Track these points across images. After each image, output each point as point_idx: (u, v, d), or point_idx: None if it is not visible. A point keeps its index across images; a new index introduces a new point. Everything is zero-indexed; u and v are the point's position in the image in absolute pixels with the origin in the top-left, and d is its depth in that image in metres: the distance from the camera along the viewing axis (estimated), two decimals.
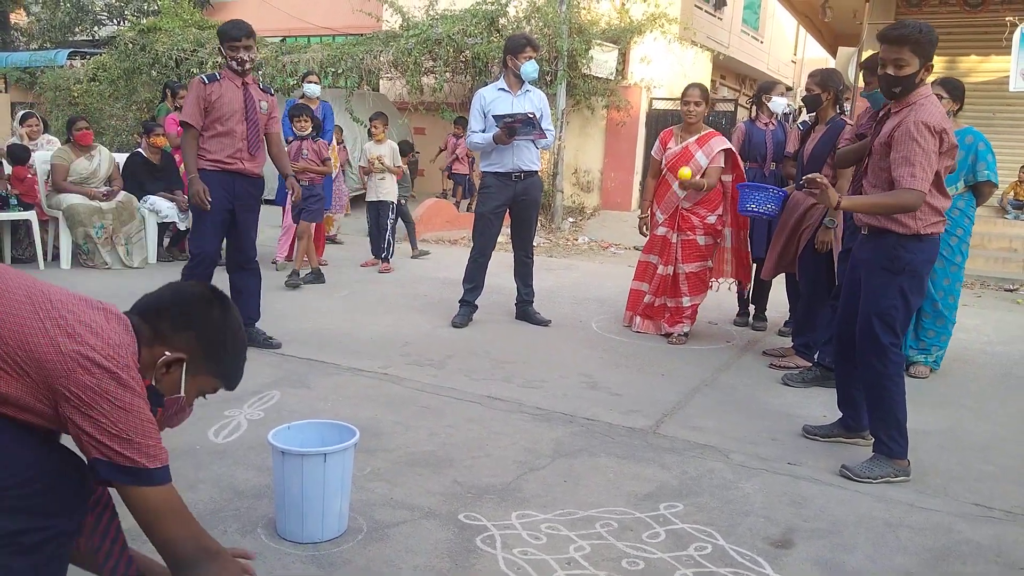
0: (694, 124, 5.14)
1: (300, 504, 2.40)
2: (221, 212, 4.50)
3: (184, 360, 1.77)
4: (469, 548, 2.45)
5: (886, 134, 3.08)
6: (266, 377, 4.06)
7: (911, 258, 3.08)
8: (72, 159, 6.87)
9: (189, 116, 4.45)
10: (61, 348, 1.56)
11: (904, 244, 3.08)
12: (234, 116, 4.45)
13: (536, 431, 3.49)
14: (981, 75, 10.50)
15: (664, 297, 5.28)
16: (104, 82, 13.94)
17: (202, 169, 4.46)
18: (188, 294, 1.85)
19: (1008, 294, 7.89)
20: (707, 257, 5.24)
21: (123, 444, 1.58)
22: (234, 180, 4.53)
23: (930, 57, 3.02)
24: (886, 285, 3.10)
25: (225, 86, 4.46)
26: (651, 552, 2.48)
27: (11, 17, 20.33)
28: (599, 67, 11.22)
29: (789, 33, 20.93)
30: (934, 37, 3.01)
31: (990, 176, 4.51)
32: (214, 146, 4.46)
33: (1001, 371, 4.99)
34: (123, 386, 1.59)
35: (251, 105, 4.50)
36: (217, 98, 4.41)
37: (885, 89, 3.09)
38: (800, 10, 12.82)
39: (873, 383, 3.16)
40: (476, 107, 5.28)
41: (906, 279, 3.09)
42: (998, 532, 2.75)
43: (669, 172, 5.17)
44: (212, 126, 4.45)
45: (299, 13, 16.09)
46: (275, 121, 4.75)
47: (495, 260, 5.72)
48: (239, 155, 4.49)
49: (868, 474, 3.08)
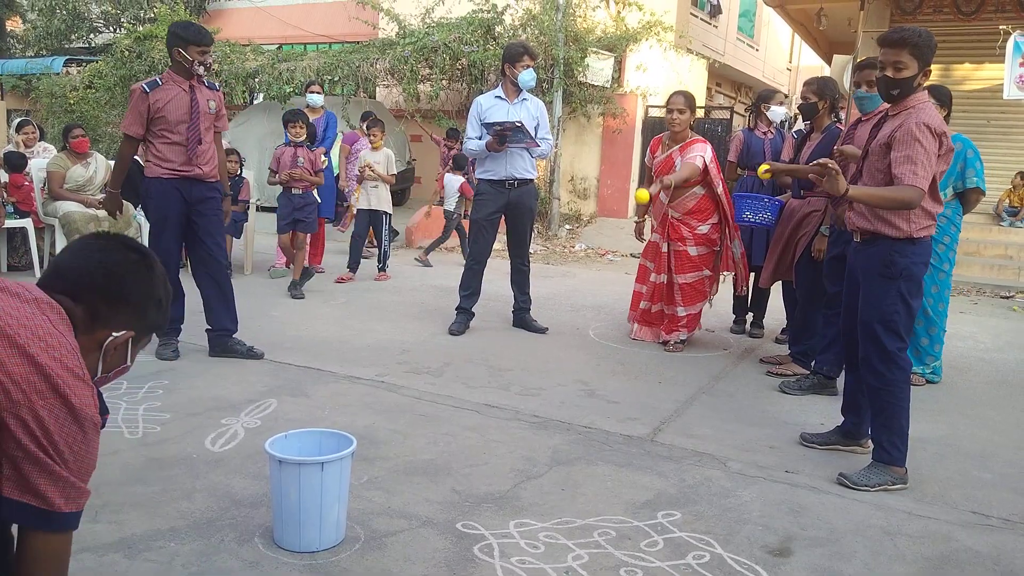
0: (679, 132, 5.13)
1: (297, 513, 2.39)
2: (178, 218, 4.40)
3: (132, 335, 1.70)
4: (467, 557, 2.44)
5: (885, 136, 3.09)
6: (263, 385, 4.05)
7: (906, 262, 3.09)
8: (68, 166, 6.85)
9: (130, 127, 4.34)
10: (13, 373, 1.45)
11: (898, 248, 3.09)
12: (181, 121, 4.31)
13: (534, 439, 3.48)
14: (975, 83, 10.56)
15: (661, 304, 5.29)
16: (100, 89, 13.94)
17: (158, 177, 4.35)
18: (116, 264, 1.69)
19: (1004, 301, 7.92)
20: (702, 267, 5.19)
21: (52, 481, 1.48)
22: (192, 185, 4.40)
23: (929, 62, 3.04)
24: (885, 291, 3.11)
25: (170, 91, 4.30)
26: (649, 561, 2.47)
27: (7, 24, 20.34)
28: (595, 75, 11.26)
29: (784, 41, 21.01)
30: (933, 43, 3.05)
31: (978, 183, 4.53)
32: (169, 152, 4.33)
33: (998, 378, 5.00)
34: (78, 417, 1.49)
35: (195, 108, 4.35)
36: (165, 104, 4.27)
37: (883, 91, 3.11)
38: (795, 18, 12.87)
39: (879, 389, 3.14)
40: (473, 114, 5.30)
41: (904, 283, 3.10)
42: (996, 540, 2.75)
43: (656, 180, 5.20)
44: (161, 133, 4.31)
45: (296, 21, 16.13)
46: (223, 119, 4.62)
47: (492, 268, 5.72)
48: (194, 160, 4.37)
49: (865, 482, 3.09)
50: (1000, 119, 10.41)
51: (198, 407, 3.68)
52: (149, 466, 3.00)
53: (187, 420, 3.50)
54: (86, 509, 1.59)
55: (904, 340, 3.14)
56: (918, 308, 3.22)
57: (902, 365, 3.12)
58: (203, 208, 4.47)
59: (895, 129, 3.05)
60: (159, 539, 2.45)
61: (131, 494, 2.74)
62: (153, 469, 2.97)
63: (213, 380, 4.10)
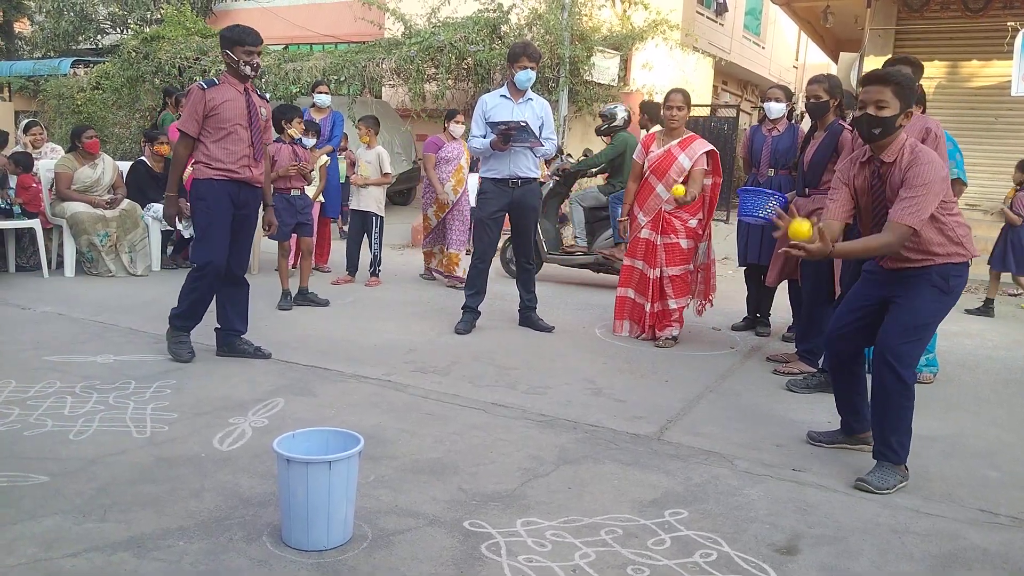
0: (677, 128, 5.21)
1: (305, 511, 2.40)
2: (226, 221, 4.39)
3: None
4: (474, 556, 2.45)
5: (897, 184, 3.07)
6: (270, 385, 4.06)
7: (959, 281, 3.16)
8: (76, 167, 6.88)
9: (185, 124, 4.30)
10: None
11: (954, 271, 3.14)
12: (238, 122, 4.32)
13: (540, 438, 3.48)
14: (983, 80, 10.50)
15: (657, 301, 5.30)
16: (107, 90, 13.98)
17: (209, 179, 4.31)
18: None
19: (1012, 299, 7.88)
20: (689, 260, 5.32)
21: None
22: (240, 189, 4.40)
23: (911, 105, 3.08)
24: (932, 302, 3.14)
25: (226, 91, 4.32)
26: (656, 559, 2.47)
27: (15, 26, 20.44)
28: (601, 74, 11.26)
29: (791, 39, 20.97)
30: (918, 90, 3.23)
31: (959, 174, 4.52)
32: (221, 153, 4.30)
33: (1005, 376, 4.98)
34: None
35: (254, 111, 4.40)
36: (221, 103, 4.27)
37: (864, 130, 3.10)
38: (801, 16, 12.83)
39: (893, 390, 3.10)
40: (478, 113, 5.32)
41: (951, 300, 3.17)
42: (1005, 538, 2.74)
43: (652, 175, 5.23)
44: (217, 132, 4.29)
45: (302, 21, 16.17)
46: (269, 131, 4.67)
47: (497, 267, 5.71)
48: (246, 162, 4.38)
49: (885, 486, 3.05)
50: (1008, 116, 10.35)
51: (206, 406, 3.69)
52: (157, 465, 3.01)
53: (195, 419, 3.51)
54: (94, 508, 1.59)
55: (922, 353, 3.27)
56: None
57: (915, 373, 3.23)
58: (245, 212, 4.48)
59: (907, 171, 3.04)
60: (168, 538, 2.46)
61: (140, 493, 2.75)
62: (161, 468, 2.98)
63: (221, 380, 4.11)
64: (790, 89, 5.79)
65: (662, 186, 5.19)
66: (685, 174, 5.15)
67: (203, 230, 4.43)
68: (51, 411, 3.53)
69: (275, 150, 6.15)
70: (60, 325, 5.15)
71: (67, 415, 3.49)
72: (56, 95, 14.81)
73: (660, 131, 5.35)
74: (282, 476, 2.45)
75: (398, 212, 11.87)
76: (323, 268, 7.50)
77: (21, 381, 3.93)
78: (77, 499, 2.67)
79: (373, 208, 6.96)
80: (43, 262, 6.81)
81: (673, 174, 5.16)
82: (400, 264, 7.90)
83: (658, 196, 5.22)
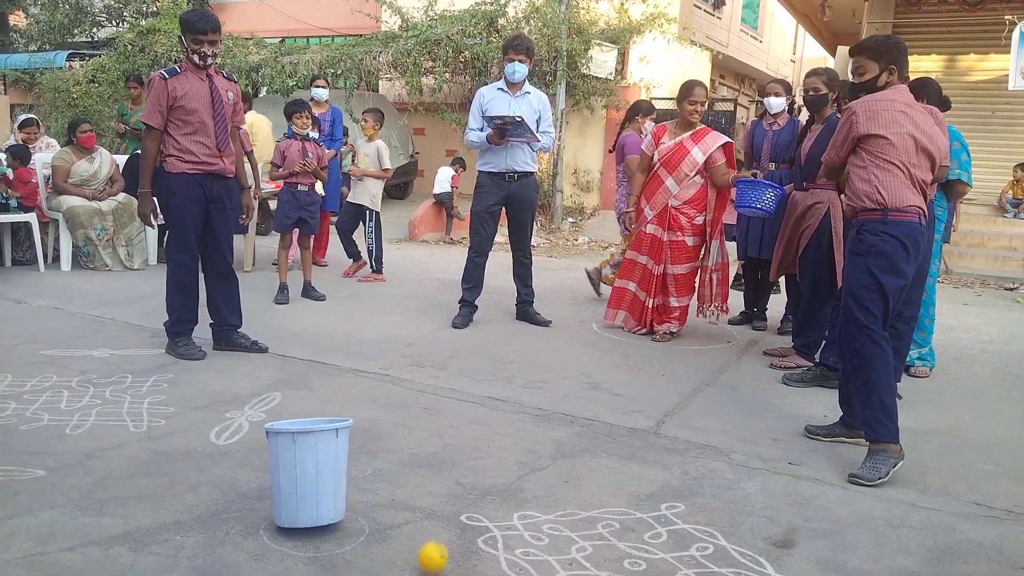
0: (693, 122, 5.13)
1: (294, 487, 2.42)
2: (199, 215, 4.29)
3: None
4: (471, 549, 2.45)
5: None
6: (267, 379, 4.06)
7: (875, 239, 3.19)
8: (73, 161, 6.87)
9: (149, 117, 4.16)
10: None
11: (869, 226, 3.22)
12: (203, 112, 4.18)
13: (537, 432, 3.49)
14: (980, 73, 10.52)
15: (657, 297, 5.28)
16: (103, 84, 13.93)
17: (183, 172, 4.20)
18: None
19: (1008, 292, 7.89)
20: (695, 258, 5.24)
21: None
22: (213, 182, 4.30)
23: (891, 61, 3.24)
24: (854, 266, 3.25)
25: (188, 79, 4.18)
26: (653, 552, 2.48)
27: (10, 19, 20.34)
28: (598, 67, 11.23)
29: (788, 32, 20.94)
30: (892, 43, 3.30)
31: (960, 175, 4.48)
32: (191, 145, 4.19)
33: (1001, 369, 5.00)
34: None
35: (217, 97, 4.25)
36: (183, 93, 4.13)
37: (851, 97, 3.38)
38: (799, 9, 12.82)
39: (858, 366, 3.21)
40: (475, 106, 5.32)
41: (872, 259, 3.19)
42: (1000, 532, 2.75)
43: (663, 167, 5.15)
44: (185, 125, 4.17)
45: (298, 14, 16.10)
46: (239, 113, 4.52)
47: (494, 261, 5.71)
48: (217, 153, 4.26)
49: (876, 475, 3.06)
50: (1005, 110, 10.36)
51: (203, 401, 3.69)
52: (154, 459, 3.01)
53: (192, 414, 3.51)
54: (91, 502, 1.59)
55: (875, 316, 3.19)
56: (892, 287, 3.21)
57: (877, 340, 3.18)
58: (220, 205, 4.38)
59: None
60: (164, 532, 2.46)
61: (136, 487, 2.75)
62: (158, 462, 2.98)
63: (217, 374, 4.11)
64: (789, 83, 5.77)
65: (672, 180, 5.10)
66: (698, 168, 5.09)
67: (176, 225, 4.33)
68: (47, 405, 3.53)
69: (285, 146, 6.11)
70: (57, 319, 5.15)
71: (64, 409, 3.49)
72: (52, 88, 14.75)
73: (672, 122, 5.24)
74: (272, 453, 2.48)
75: (395, 206, 11.85)
76: (320, 262, 7.49)
77: (17, 375, 3.92)
78: (74, 493, 2.67)
79: (366, 202, 6.84)
80: (39, 256, 6.80)
81: (685, 168, 5.07)
82: (398, 259, 7.89)
83: (667, 190, 5.13)
